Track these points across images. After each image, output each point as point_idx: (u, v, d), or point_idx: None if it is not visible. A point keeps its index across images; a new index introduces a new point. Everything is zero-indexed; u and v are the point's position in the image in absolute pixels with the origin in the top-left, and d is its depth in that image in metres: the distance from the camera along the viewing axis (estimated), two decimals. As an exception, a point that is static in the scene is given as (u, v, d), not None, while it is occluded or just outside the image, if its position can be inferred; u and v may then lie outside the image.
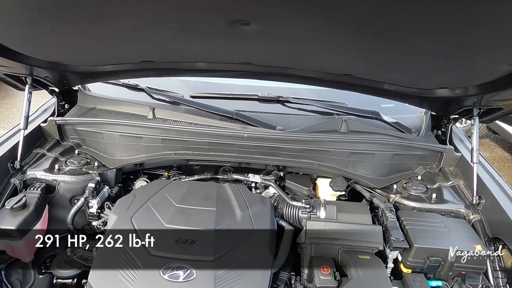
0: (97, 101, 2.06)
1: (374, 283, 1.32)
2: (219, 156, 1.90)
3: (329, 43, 1.27)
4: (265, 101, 2.03)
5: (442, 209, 1.71)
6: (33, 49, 1.45)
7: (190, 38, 1.34)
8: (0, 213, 1.55)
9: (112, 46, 1.44)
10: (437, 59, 1.28)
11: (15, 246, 1.54)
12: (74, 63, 1.64)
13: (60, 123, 1.95)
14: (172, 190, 1.73)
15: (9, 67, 1.60)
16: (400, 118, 2.06)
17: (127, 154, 1.92)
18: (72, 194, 1.79)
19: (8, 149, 1.75)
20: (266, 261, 1.43)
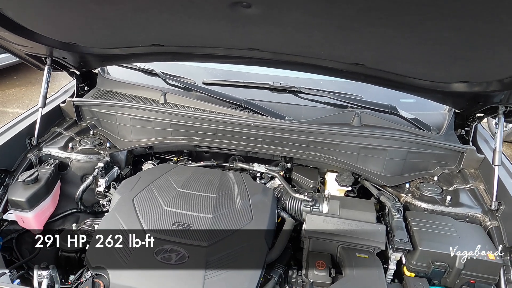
0: (114, 85, 2.12)
1: (367, 283, 1.26)
2: (226, 143, 1.88)
3: (334, 29, 1.21)
4: (277, 91, 1.99)
5: (456, 213, 1.60)
6: (48, 28, 1.51)
7: (193, 21, 1.32)
8: (14, 185, 1.64)
9: (120, 28, 1.46)
10: (453, 48, 1.18)
11: (25, 217, 1.62)
12: (87, 45, 1.69)
13: (77, 103, 2.02)
14: (176, 174, 1.74)
15: (29, 47, 1.67)
16: (420, 114, 1.94)
17: (137, 137, 1.96)
18: (83, 172, 1.86)
19: (27, 126, 1.84)
20: (260, 251, 1.41)
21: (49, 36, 1.56)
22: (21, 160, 1.78)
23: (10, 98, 5.57)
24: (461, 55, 1.23)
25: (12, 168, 1.75)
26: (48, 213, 1.72)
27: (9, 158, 1.75)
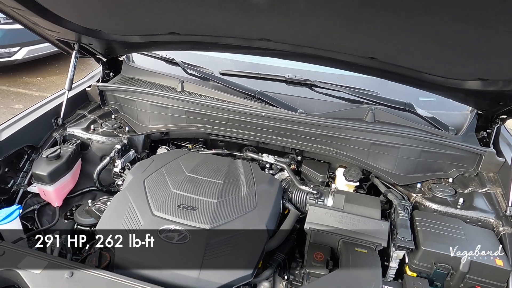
0: (137, 72, 2.21)
1: (361, 277, 1.24)
2: (238, 133, 1.92)
3: (340, 20, 1.20)
4: (292, 84, 1.99)
5: (467, 216, 1.54)
6: (74, 14, 1.60)
7: (206, 10, 1.36)
8: (38, 160, 1.77)
9: (139, 16, 1.52)
10: (464, 43, 1.14)
11: (46, 191, 1.74)
12: (110, 32, 1.78)
13: (101, 88, 2.13)
14: (187, 159, 1.80)
15: (58, 32, 1.79)
16: (440, 114, 1.88)
17: (154, 122, 2.04)
18: (102, 153, 1.97)
19: (54, 107, 1.98)
20: (260, 238, 1.43)
21: (75, 22, 1.66)
22: (47, 138, 1.91)
23: (50, 85, 5.92)
24: (474, 50, 1.18)
25: (39, 144, 1.88)
26: (67, 188, 1.84)
27: (36, 135, 1.88)
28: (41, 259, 1.22)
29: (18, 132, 1.77)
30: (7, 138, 1.72)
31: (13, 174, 1.78)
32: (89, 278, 1.17)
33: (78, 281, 1.16)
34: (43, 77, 6.10)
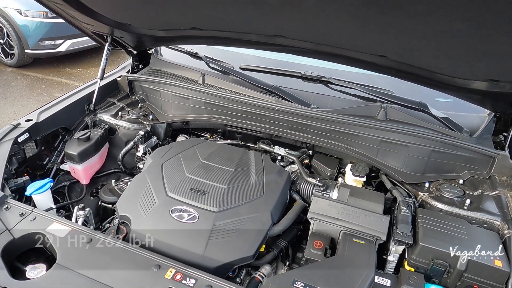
0: (163, 65, 2.36)
1: (355, 264, 1.29)
2: (253, 125, 2.00)
3: (348, 17, 1.25)
4: (308, 80, 2.05)
5: (473, 217, 1.53)
6: (106, 8, 1.76)
7: (223, 6, 1.46)
8: (70, 141, 1.95)
9: (163, 11, 1.65)
10: (469, 42, 1.15)
11: (76, 169, 1.92)
12: (138, 26, 1.92)
13: (130, 79, 2.30)
14: (203, 148, 1.92)
15: (93, 25, 1.96)
16: (456, 115, 1.86)
17: (176, 112, 2.17)
18: (127, 138, 2.13)
19: (87, 94, 2.16)
20: (264, 224, 1.51)
21: (107, 16, 1.81)
22: (79, 121, 2.11)
23: (89, 76, 6.30)
24: (480, 50, 1.19)
25: (72, 127, 2.07)
26: (95, 168, 2.01)
27: (70, 119, 2.07)
28: (65, 226, 1.37)
29: (54, 115, 1.97)
30: (44, 120, 1.91)
31: (48, 152, 1.98)
32: (104, 245, 1.31)
33: (95, 247, 1.30)
34: (83, 69, 6.49)
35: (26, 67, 6.22)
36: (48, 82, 5.89)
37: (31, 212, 1.42)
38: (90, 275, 1.20)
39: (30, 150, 1.85)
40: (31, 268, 1.27)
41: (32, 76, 6.00)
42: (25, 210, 1.42)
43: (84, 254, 1.27)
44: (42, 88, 5.66)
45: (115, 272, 1.21)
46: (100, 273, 1.20)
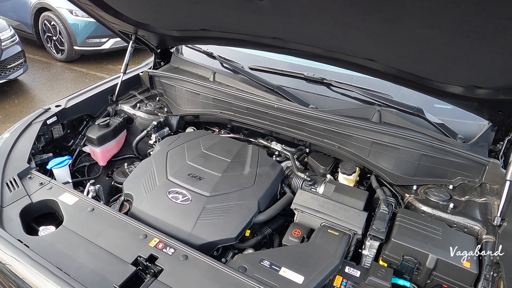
0: (181, 62, 2.56)
1: (321, 252, 1.38)
2: (254, 121, 2.14)
3: (331, 22, 1.35)
4: (310, 81, 2.14)
5: (454, 221, 1.56)
6: (128, 10, 1.98)
7: (225, 10, 1.62)
8: (91, 127, 2.20)
9: (175, 13, 1.83)
10: (440, 48, 1.21)
11: (95, 151, 2.16)
12: (156, 26, 2.13)
13: (150, 74, 2.52)
14: (206, 139, 2.08)
15: (118, 24, 2.20)
16: (455, 122, 1.88)
17: (188, 106, 2.36)
18: (143, 127, 2.34)
19: (111, 86, 2.41)
20: (250, 210, 1.64)
21: (129, 16, 2.03)
22: (102, 110, 2.35)
23: (127, 73, 6.74)
24: (454, 55, 1.24)
25: (95, 115, 2.33)
26: (112, 152, 2.24)
27: (95, 107, 2.33)
28: (75, 196, 1.59)
29: (80, 102, 2.22)
30: (71, 106, 2.17)
31: (73, 135, 2.25)
32: (104, 214, 1.50)
33: (97, 214, 1.50)
34: (114, 65, 6.96)
35: (73, 62, 6.80)
36: (92, 76, 6.39)
37: (49, 182, 1.66)
38: (87, 237, 1.39)
39: (57, 132, 2.12)
40: (43, 229, 1.49)
41: (77, 71, 6.55)
42: (44, 180, 1.66)
43: (85, 220, 1.48)
44: (85, 82, 6.16)
45: (108, 236, 1.40)
46: (95, 236, 1.40)
